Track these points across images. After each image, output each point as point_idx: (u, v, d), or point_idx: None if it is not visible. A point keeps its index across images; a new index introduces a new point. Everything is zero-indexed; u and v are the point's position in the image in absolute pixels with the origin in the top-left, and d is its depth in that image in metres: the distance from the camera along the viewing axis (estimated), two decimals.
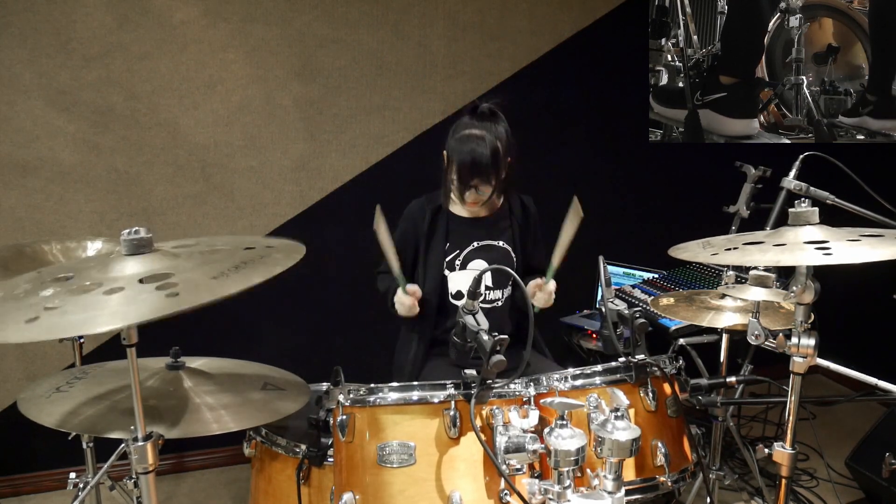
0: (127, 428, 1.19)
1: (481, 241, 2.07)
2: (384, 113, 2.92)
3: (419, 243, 2.07)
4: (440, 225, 2.07)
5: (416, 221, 2.07)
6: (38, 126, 2.54)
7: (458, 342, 1.42)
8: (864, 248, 1.19)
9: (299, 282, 2.82)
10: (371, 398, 1.39)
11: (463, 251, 2.06)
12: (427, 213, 2.06)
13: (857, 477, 2.52)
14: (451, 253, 2.06)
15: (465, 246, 2.06)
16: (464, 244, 2.06)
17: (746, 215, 2.42)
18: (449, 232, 2.07)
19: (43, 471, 2.76)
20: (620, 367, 1.47)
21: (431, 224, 2.06)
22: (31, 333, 0.97)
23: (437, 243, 2.06)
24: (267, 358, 1.64)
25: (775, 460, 1.38)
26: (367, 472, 1.36)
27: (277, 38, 2.74)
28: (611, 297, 1.55)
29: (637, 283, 2.74)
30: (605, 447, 1.22)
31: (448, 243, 2.06)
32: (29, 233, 2.58)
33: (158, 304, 1.01)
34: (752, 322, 1.37)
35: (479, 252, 2.07)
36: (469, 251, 2.06)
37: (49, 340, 2.62)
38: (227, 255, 1.20)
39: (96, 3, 2.52)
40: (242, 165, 2.79)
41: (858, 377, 1.47)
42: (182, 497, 2.75)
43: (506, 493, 1.32)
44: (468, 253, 2.06)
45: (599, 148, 3.28)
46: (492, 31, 2.99)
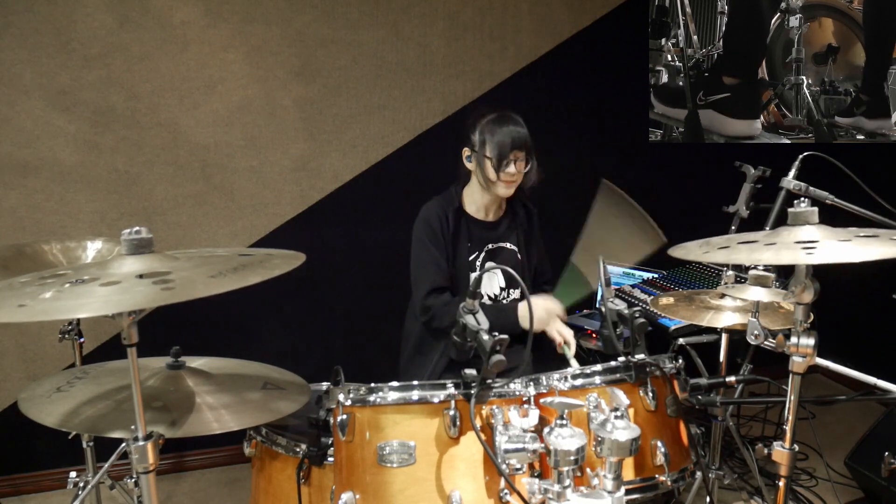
0: (127, 427, 1.19)
1: (494, 243, 2.15)
2: (384, 113, 2.92)
3: (447, 246, 2.09)
4: (462, 227, 2.12)
5: (441, 224, 2.08)
6: (39, 126, 2.54)
7: (458, 342, 1.43)
8: (852, 248, 1.19)
9: (299, 282, 2.82)
10: (371, 398, 1.39)
11: (481, 253, 2.12)
12: (449, 215, 2.09)
13: (856, 476, 2.52)
14: (472, 254, 2.11)
15: (483, 247, 2.13)
16: (481, 246, 2.13)
17: (746, 215, 2.42)
18: (470, 234, 2.12)
19: (43, 470, 2.76)
20: (620, 366, 1.47)
21: (455, 226, 2.10)
22: (22, 315, 0.97)
23: (462, 245, 2.10)
24: (267, 358, 1.64)
25: (775, 460, 1.38)
26: (368, 471, 1.36)
27: (277, 38, 2.74)
28: (611, 296, 1.55)
29: (637, 282, 2.74)
30: (605, 447, 1.22)
31: (469, 244, 2.11)
32: (29, 233, 2.58)
33: (152, 295, 1.01)
34: (752, 322, 1.37)
35: (492, 254, 2.14)
36: (485, 253, 2.13)
37: (49, 340, 2.64)
38: (226, 259, 1.21)
39: (97, 3, 2.52)
40: (243, 165, 2.79)
41: (858, 377, 1.47)
42: (182, 497, 2.75)
43: (506, 492, 1.32)
44: (485, 254, 2.13)
45: (599, 148, 3.28)
46: (492, 31, 3.00)
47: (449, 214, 2.09)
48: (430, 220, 2.09)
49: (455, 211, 2.11)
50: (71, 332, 2.10)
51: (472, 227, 2.13)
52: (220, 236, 2.81)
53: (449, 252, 2.08)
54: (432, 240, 2.06)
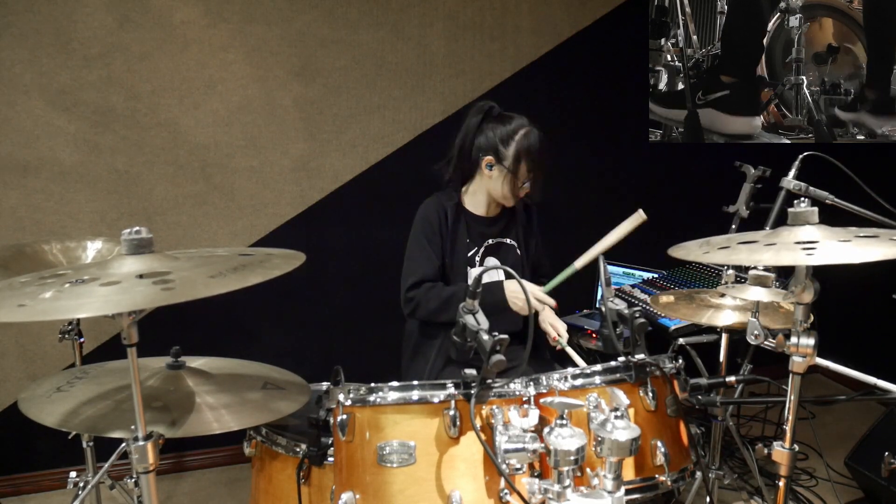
0: (127, 427, 1.19)
1: (494, 238, 2.15)
2: (384, 113, 2.92)
3: (444, 242, 2.09)
4: (461, 222, 2.12)
5: (440, 219, 2.09)
6: (39, 126, 2.54)
7: (458, 341, 1.43)
8: (852, 248, 1.19)
9: (299, 282, 2.83)
10: (371, 398, 1.39)
11: (480, 248, 2.12)
12: (448, 211, 2.10)
13: (856, 476, 2.52)
14: (471, 249, 2.12)
15: (482, 243, 2.13)
16: (480, 241, 2.13)
17: (746, 215, 2.42)
18: (469, 230, 2.12)
19: (43, 470, 2.76)
20: (620, 366, 1.47)
21: (455, 222, 2.10)
22: (22, 315, 0.97)
23: (461, 241, 2.11)
24: (267, 358, 1.64)
25: (775, 460, 1.38)
26: (368, 471, 1.36)
27: (277, 38, 2.74)
28: (611, 296, 1.55)
29: (637, 282, 2.74)
30: (605, 447, 1.22)
31: (468, 240, 2.12)
32: (29, 233, 2.58)
33: (152, 295, 1.01)
34: (752, 322, 1.37)
35: (492, 249, 2.14)
36: (485, 248, 2.13)
37: (49, 340, 2.64)
38: (226, 259, 1.21)
39: (97, 3, 2.53)
40: (242, 165, 2.79)
41: (858, 377, 1.47)
42: (182, 497, 2.75)
43: (506, 492, 1.32)
44: (484, 250, 2.13)
45: (599, 148, 3.28)
46: (492, 31, 3.00)
47: (448, 210, 2.10)
48: (429, 215, 2.09)
49: (454, 207, 2.11)
50: (71, 332, 2.10)
51: (471, 222, 2.13)
52: (220, 236, 2.81)
53: (446, 248, 2.08)
54: (428, 236, 2.07)
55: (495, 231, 2.16)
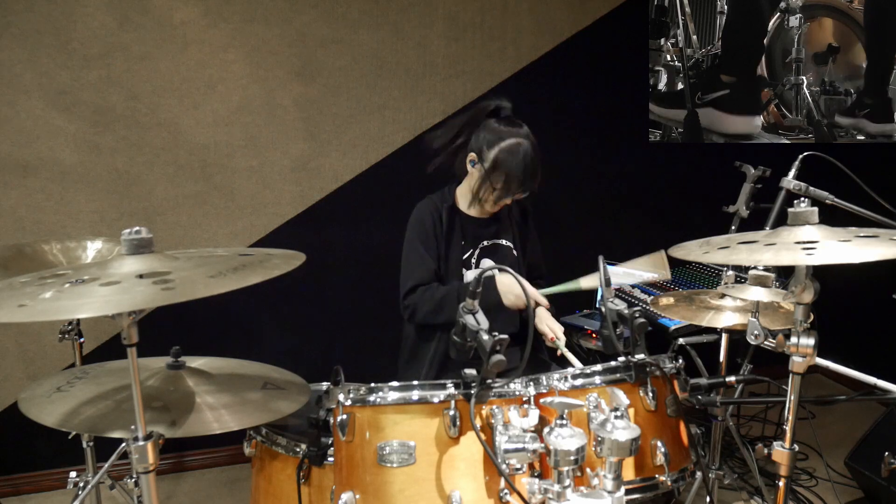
0: (127, 427, 1.19)
1: (489, 240, 2.13)
2: (384, 113, 2.92)
3: (439, 244, 2.08)
4: (456, 224, 2.10)
5: (434, 222, 2.07)
6: (39, 126, 2.54)
7: (458, 342, 1.43)
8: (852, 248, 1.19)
9: (299, 282, 2.82)
10: (371, 398, 1.39)
11: (475, 250, 2.11)
12: (443, 213, 2.08)
13: (856, 476, 2.52)
14: (466, 251, 2.10)
15: (477, 245, 2.11)
16: (476, 243, 2.11)
17: (746, 215, 2.42)
18: (464, 231, 2.11)
19: (43, 470, 2.76)
20: (620, 366, 1.47)
21: (449, 224, 2.08)
22: (22, 315, 0.97)
23: (456, 243, 2.09)
24: (267, 358, 1.64)
25: (775, 460, 1.38)
26: (368, 471, 1.36)
27: (277, 38, 2.74)
28: (611, 296, 1.55)
29: (637, 283, 2.74)
30: (605, 447, 1.22)
31: (463, 242, 2.10)
32: (29, 233, 2.58)
33: (152, 295, 1.01)
34: (752, 322, 1.37)
35: (487, 251, 2.13)
36: (480, 250, 2.11)
37: (49, 340, 2.64)
38: (226, 259, 1.21)
39: (97, 3, 2.52)
40: (243, 165, 2.79)
41: (858, 377, 1.47)
42: (182, 497, 2.75)
43: (506, 492, 1.32)
44: (479, 251, 2.11)
45: (599, 148, 3.28)
46: (492, 31, 3.00)
47: (442, 212, 2.08)
48: (423, 218, 2.08)
49: (449, 208, 2.09)
50: (71, 332, 2.10)
51: (466, 224, 2.11)
52: (220, 236, 2.81)
53: (441, 250, 2.07)
54: (422, 239, 2.05)
55: (490, 232, 2.14)
